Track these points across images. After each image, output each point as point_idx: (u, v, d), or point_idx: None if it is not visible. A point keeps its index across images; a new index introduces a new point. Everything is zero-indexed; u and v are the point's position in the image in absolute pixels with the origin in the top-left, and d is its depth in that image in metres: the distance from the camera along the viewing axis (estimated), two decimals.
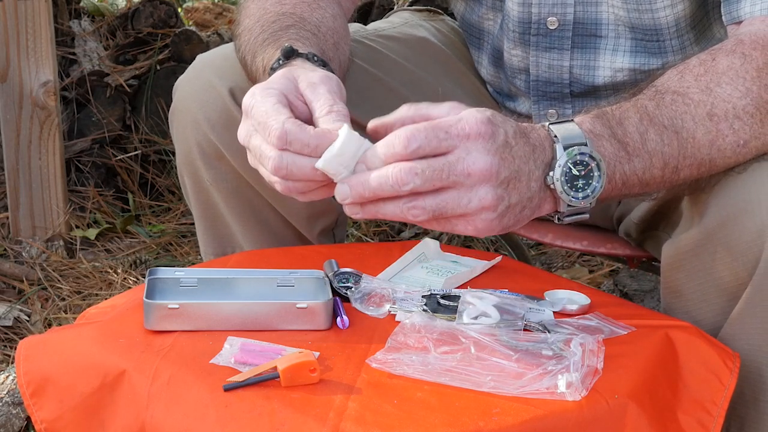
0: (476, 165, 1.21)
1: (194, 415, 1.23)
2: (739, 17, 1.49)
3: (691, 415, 1.31)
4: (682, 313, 1.47)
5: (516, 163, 1.25)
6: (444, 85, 1.85)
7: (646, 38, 1.69)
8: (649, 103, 1.37)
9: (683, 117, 1.37)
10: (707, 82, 1.39)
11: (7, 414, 2.13)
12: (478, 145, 1.22)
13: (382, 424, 1.19)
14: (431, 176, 1.21)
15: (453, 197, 1.22)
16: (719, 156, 1.39)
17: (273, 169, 1.28)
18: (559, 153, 1.29)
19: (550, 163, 1.29)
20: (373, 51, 1.82)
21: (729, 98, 1.38)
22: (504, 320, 1.38)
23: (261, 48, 1.52)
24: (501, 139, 1.23)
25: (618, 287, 2.74)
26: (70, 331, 1.42)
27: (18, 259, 2.89)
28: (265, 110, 1.29)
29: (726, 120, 1.38)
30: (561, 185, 1.29)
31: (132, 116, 3.32)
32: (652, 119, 1.36)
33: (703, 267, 1.43)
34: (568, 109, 1.78)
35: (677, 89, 1.39)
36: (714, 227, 1.40)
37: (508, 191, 1.25)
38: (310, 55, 1.44)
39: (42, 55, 2.86)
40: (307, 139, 1.27)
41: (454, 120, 1.22)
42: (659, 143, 1.35)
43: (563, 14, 1.71)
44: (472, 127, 1.22)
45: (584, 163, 1.29)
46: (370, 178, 1.22)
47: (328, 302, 1.40)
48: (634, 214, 1.71)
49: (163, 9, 3.44)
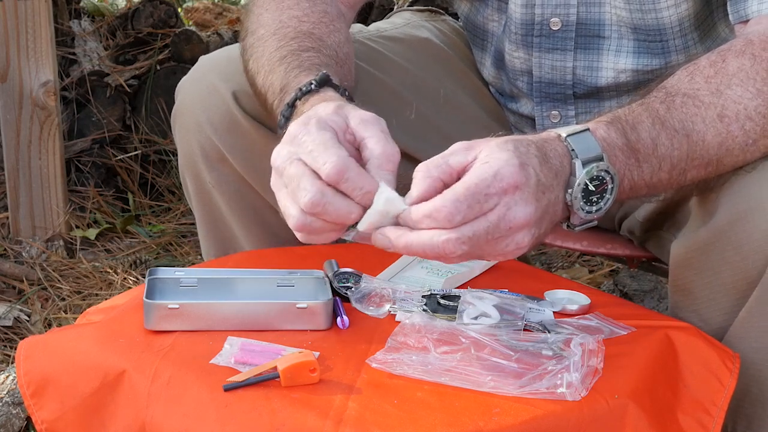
0: (517, 219, 1.21)
1: (194, 415, 1.23)
2: (747, 16, 1.49)
3: (691, 416, 1.31)
4: (690, 311, 1.47)
5: (546, 196, 1.25)
6: (446, 86, 1.84)
7: (649, 39, 1.68)
8: (660, 107, 1.37)
9: (694, 120, 1.37)
10: (717, 84, 1.39)
11: (7, 414, 2.13)
12: (516, 198, 1.21)
13: (382, 424, 1.19)
14: (480, 242, 1.20)
15: (493, 247, 1.22)
16: (727, 156, 1.39)
17: (309, 204, 1.23)
18: (578, 170, 1.28)
19: (568, 180, 1.29)
20: (375, 52, 1.81)
21: (740, 99, 1.38)
22: (504, 320, 1.38)
23: (279, 64, 1.49)
24: (534, 181, 1.22)
25: (618, 287, 2.74)
26: (71, 331, 1.42)
27: (18, 259, 2.89)
28: (322, 141, 1.24)
29: (737, 121, 1.38)
30: (578, 202, 1.29)
31: (132, 116, 3.32)
32: (664, 123, 1.35)
33: (713, 265, 1.43)
34: (570, 110, 1.78)
35: (687, 91, 1.39)
36: (724, 226, 1.40)
37: (541, 224, 1.25)
38: (341, 90, 1.42)
39: (42, 55, 2.86)
40: (362, 182, 1.23)
41: (490, 177, 1.20)
42: (669, 147, 1.35)
43: (566, 15, 1.71)
44: (509, 182, 1.20)
45: (600, 178, 1.29)
46: (413, 243, 1.20)
47: (328, 302, 1.40)
48: (639, 212, 1.71)
49: (163, 9, 3.44)
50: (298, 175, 1.24)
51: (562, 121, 1.78)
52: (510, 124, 1.88)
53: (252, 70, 1.56)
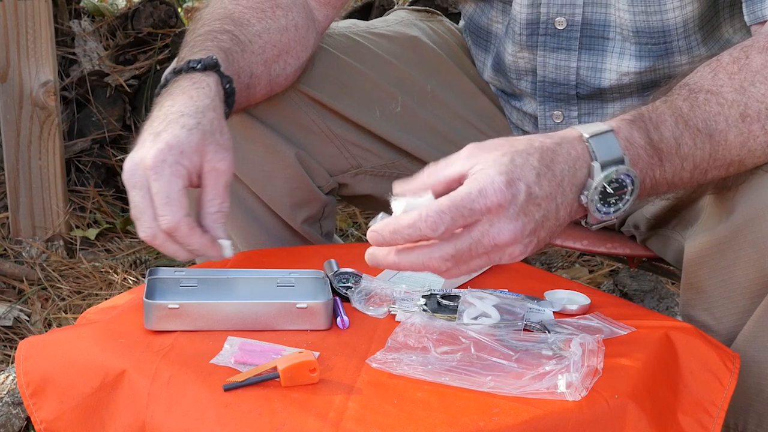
0: (501, 236, 1.23)
1: (194, 415, 1.23)
2: (764, 17, 1.48)
3: (691, 416, 1.31)
4: (702, 309, 1.47)
5: (543, 207, 1.25)
6: (432, 83, 1.85)
7: (652, 42, 1.68)
8: (684, 104, 1.36)
9: (716, 119, 1.36)
10: (741, 81, 1.38)
11: (7, 414, 2.13)
12: (500, 216, 1.23)
13: (382, 424, 1.19)
14: (463, 257, 1.23)
15: (485, 261, 1.25)
16: (749, 156, 1.38)
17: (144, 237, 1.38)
18: (596, 173, 1.28)
19: (584, 183, 1.29)
20: (359, 46, 1.83)
21: (762, 98, 1.37)
22: (504, 320, 1.38)
23: (188, 46, 1.55)
24: (522, 197, 1.23)
25: (618, 287, 2.74)
26: (70, 332, 1.42)
27: (18, 259, 2.89)
28: (167, 194, 1.35)
29: (758, 121, 1.37)
30: (594, 204, 1.29)
31: (132, 116, 3.32)
32: (687, 122, 1.35)
33: (728, 264, 1.42)
34: (573, 111, 1.78)
35: (710, 88, 1.38)
36: (740, 225, 1.39)
37: (537, 234, 1.26)
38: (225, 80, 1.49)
39: (42, 55, 2.86)
40: (191, 241, 1.36)
41: (476, 193, 1.22)
42: (692, 147, 1.35)
43: (572, 15, 1.71)
44: (492, 200, 1.22)
45: (619, 180, 1.29)
46: (399, 261, 1.25)
47: (328, 302, 1.40)
48: (647, 208, 1.70)
49: (163, 9, 3.44)
50: (140, 209, 1.37)
51: (565, 121, 1.78)
52: (511, 121, 1.88)
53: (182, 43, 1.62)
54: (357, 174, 1.81)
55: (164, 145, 1.37)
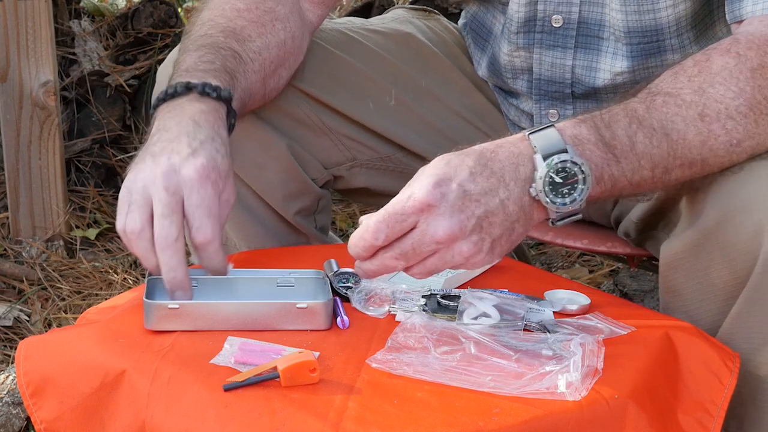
0: (438, 232, 1.28)
1: (194, 415, 1.23)
2: (741, 16, 1.49)
3: (691, 415, 1.31)
4: (680, 312, 1.47)
5: (482, 202, 1.29)
6: (426, 79, 1.86)
7: (644, 41, 1.69)
8: (640, 106, 1.38)
9: (674, 119, 1.38)
10: (700, 83, 1.40)
11: (7, 414, 2.13)
12: (433, 214, 1.28)
13: (382, 424, 1.19)
14: (410, 256, 1.30)
15: (438, 260, 1.30)
16: (711, 156, 1.39)
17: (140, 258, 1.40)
18: (539, 164, 1.32)
19: (531, 177, 1.32)
20: (353, 41, 1.84)
21: (722, 99, 1.39)
22: (504, 320, 1.38)
23: (196, 49, 1.56)
24: (454, 195, 1.28)
25: (618, 287, 2.74)
26: (70, 332, 1.42)
27: (18, 259, 2.89)
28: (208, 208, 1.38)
29: (718, 120, 1.38)
30: (545, 195, 1.32)
31: (132, 116, 3.32)
32: (642, 122, 1.37)
33: (701, 267, 1.43)
34: (569, 110, 1.78)
35: (669, 90, 1.40)
36: (711, 227, 1.40)
37: (486, 230, 1.30)
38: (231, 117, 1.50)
39: (42, 55, 2.85)
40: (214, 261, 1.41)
41: (405, 199, 1.29)
42: (648, 146, 1.37)
43: (568, 13, 1.72)
44: (421, 201, 1.28)
45: (566, 169, 1.32)
46: (365, 269, 1.33)
47: (328, 302, 1.40)
48: (633, 213, 1.72)
49: (163, 9, 3.44)
50: (164, 213, 1.37)
51: (560, 120, 1.78)
52: (509, 118, 1.88)
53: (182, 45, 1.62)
54: (352, 167, 1.82)
55: (207, 161, 1.39)
